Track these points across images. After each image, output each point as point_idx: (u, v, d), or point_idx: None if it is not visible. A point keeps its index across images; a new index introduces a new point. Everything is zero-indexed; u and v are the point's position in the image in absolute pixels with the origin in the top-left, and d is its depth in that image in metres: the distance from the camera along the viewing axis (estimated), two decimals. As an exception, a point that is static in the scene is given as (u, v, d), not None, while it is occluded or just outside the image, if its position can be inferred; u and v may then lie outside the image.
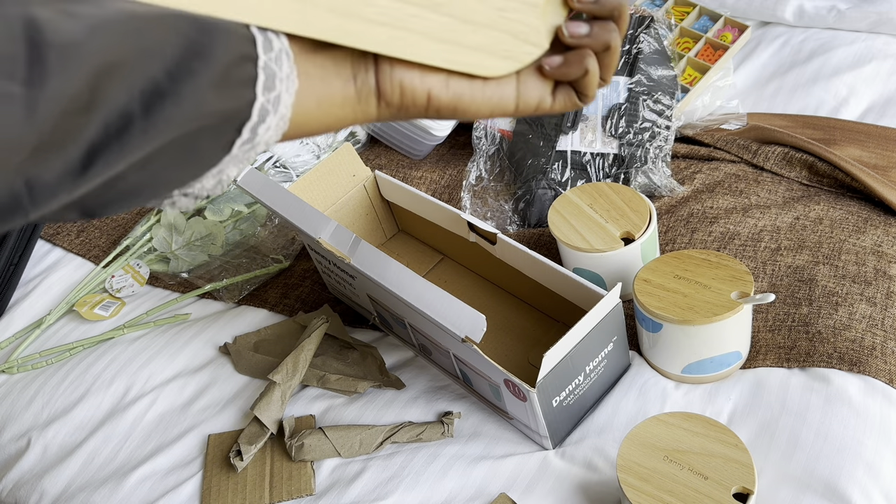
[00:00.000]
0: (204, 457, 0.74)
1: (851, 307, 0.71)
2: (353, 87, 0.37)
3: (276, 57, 0.34)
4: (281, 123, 0.35)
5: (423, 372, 0.77)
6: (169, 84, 0.31)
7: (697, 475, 0.56)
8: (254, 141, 0.35)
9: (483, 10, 0.36)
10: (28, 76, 0.28)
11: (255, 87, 0.33)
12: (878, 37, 1.01)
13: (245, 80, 0.33)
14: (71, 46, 0.29)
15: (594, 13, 0.40)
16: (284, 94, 0.34)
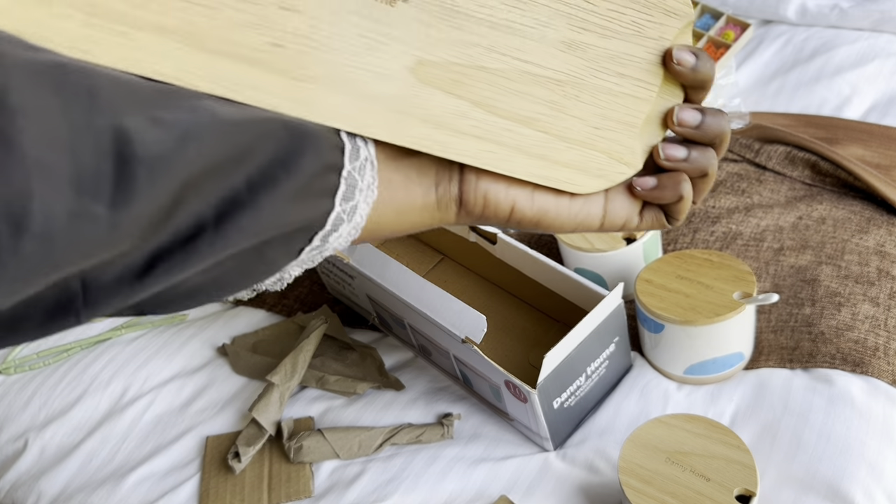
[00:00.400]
0: (202, 458, 0.73)
1: (854, 308, 0.71)
2: (435, 195, 0.37)
3: (361, 166, 0.33)
4: (353, 232, 0.34)
5: (423, 373, 0.77)
6: (248, 194, 0.29)
7: (699, 477, 0.56)
8: (323, 248, 0.34)
9: (579, 127, 0.36)
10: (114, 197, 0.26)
11: (334, 197, 0.32)
12: (880, 35, 1.01)
13: (326, 190, 0.32)
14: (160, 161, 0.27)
15: (695, 139, 0.38)
16: (362, 203, 0.33)
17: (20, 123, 0.24)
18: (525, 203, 0.37)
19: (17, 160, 0.24)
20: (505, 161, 0.35)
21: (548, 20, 0.33)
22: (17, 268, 0.24)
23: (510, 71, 0.34)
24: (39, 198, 0.24)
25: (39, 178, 0.24)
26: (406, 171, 0.36)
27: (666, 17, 0.36)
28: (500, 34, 0.33)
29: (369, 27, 0.31)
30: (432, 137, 0.33)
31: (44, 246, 0.25)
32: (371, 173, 0.33)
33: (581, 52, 0.35)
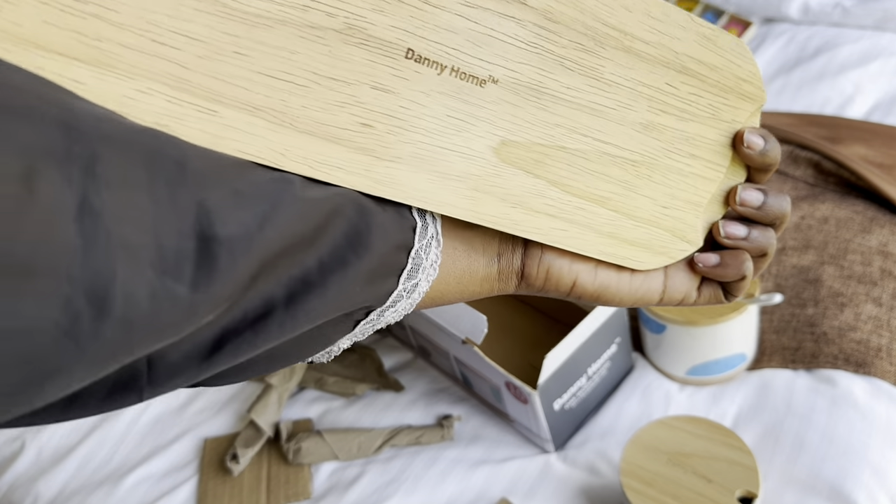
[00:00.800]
0: (200, 460, 0.73)
1: (857, 308, 0.70)
2: (497, 266, 0.37)
3: (427, 244, 0.33)
4: (409, 306, 0.34)
5: (423, 374, 0.76)
6: (318, 275, 0.29)
7: (701, 479, 0.56)
8: (377, 322, 0.34)
9: (648, 206, 0.36)
10: (195, 278, 0.25)
11: (399, 276, 0.32)
12: (883, 34, 1.01)
13: (392, 270, 0.32)
14: (241, 241, 0.27)
15: (757, 219, 0.38)
16: (423, 282, 0.33)
17: (105, 197, 0.24)
18: (587, 278, 0.37)
19: (101, 239, 0.23)
20: (575, 239, 0.35)
21: (630, 102, 0.34)
22: (96, 352, 0.24)
23: (589, 151, 0.34)
24: (122, 280, 0.24)
25: (123, 258, 0.24)
26: (471, 242, 0.36)
27: (741, 101, 0.36)
28: (583, 115, 0.33)
29: (458, 107, 0.31)
30: (508, 216, 0.34)
31: (124, 330, 0.24)
32: (436, 251, 0.33)
33: (658, 134, 0.35)
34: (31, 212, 0.22)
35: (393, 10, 0.28)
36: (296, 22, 0.27)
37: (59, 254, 0.23)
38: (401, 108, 0.30)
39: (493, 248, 0.37)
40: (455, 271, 0.35)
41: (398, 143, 0.30)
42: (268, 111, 0.28)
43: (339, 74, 0.28)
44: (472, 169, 0.32)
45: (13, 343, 0.22)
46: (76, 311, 0.23)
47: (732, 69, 0.36)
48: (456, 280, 0.36)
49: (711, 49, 0.35)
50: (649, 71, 0.34)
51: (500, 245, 0.37)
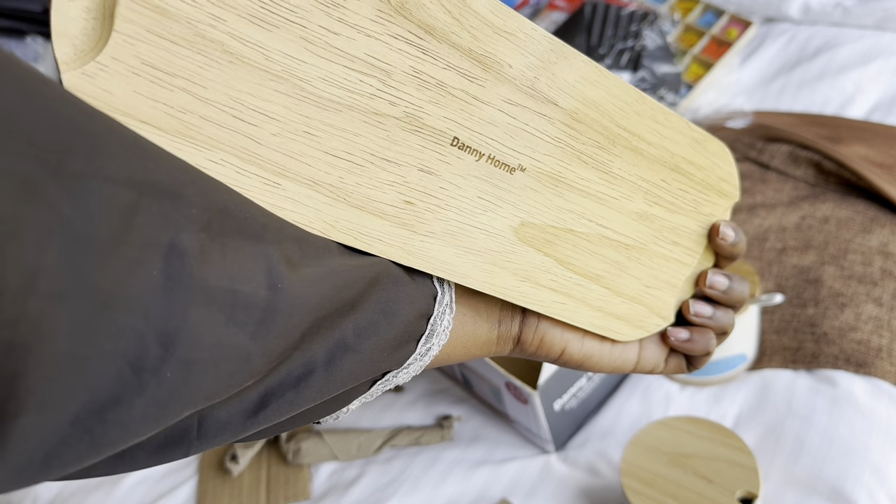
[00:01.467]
0: (199, 461, 0.73)
1: (858, 308, 0.70)
2: (497, 332, 0.39)
3: (442, 311, 0.35)
4: (419, 369, 0.36)
5: (422, 374, 0.76)
6: (355, 340, 0.30)
7: (702, 479, 0.55)
8: (390, 383, 0.35)
9: (635, 285, 0.41)
10: (257, 328, 0.26)
11: (418, 342, 0.34)
12: (884, 33, 1.00)
13: (414, 336, 0.34)
14: (298, 299, 0.28)
15: (721, 301, 0.43)
16: (435, 346, 0.35)
17: (194, 239, 0.25)
18: (575, 346, 0.41)
19: (184, 280, 0.24)
20: (571, 311, 0.39)
21: (630, 193, 0.39)
22: (156, 390, 0.24)
23: (592, 235, 0.39)
24: (194, 323, 0.24)
25: (199, 301, 0.24)
26: (476, 308, 0.38)
27: (719, 198, 0.42)
28: (591, 203, 0.38)
29: (489, 190, 0.35)
30: (518, 289, 0.37)
31: (183, 370, 0.24)
32: (449, 317, 0.35)
33: (649, 223, 0.40)
34: (123, 246, 0.23)
35: (446, 104, 0.32)
36: (362, 108, 0.30)
37: (143, 291, 0.23)
38: (440, 188, 0.33)
39: (495, 314, 0.39)
40: (462, 335, 0.38)
41: (434, 220, 0.34)
42: (326, 186, 0.31)
43: (392, 157, 0.32)
44: (492, 245, 0.36)
45: (79, 368, 0.22)
46: (145, 346, 0.23)
47: (715, 170, 0.41)
48: (462, 343, 0.38)
49: (701, 152, 0.40)
50: (649, 168, 0.39)
51: (501, 312, 0.39)
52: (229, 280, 0.25)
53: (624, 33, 0.94)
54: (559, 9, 1.05)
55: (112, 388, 0.23)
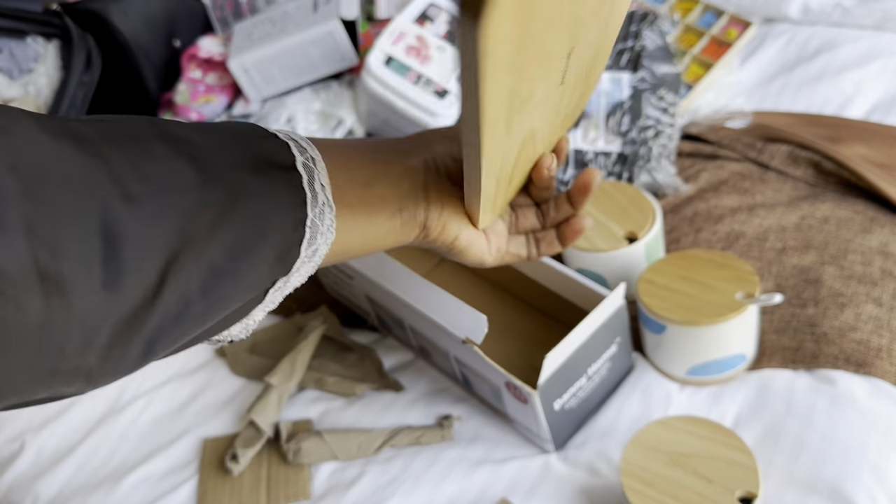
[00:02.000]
0: (200, 460, 0.73)
1: (858, 308, 0.70)
2: (399, 220, 0.42)
3: (320, 211, 0.36)
4: (312, 269, 0.37)
5: (423, 374, 0.76)
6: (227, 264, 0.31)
7: (702, 479, 0.55)
8: (284, 288, 0.36)
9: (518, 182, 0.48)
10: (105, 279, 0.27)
11: (300, 247, 0.35)
12: (883, 34, 1.00)
13: (294, 243, 0.35)
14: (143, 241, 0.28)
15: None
16: (322, 246, 0.37)
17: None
18: (464, 235, 0.45)
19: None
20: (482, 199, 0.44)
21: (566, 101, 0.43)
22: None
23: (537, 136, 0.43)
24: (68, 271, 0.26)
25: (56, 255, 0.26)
26: (368, 201, 0.41)
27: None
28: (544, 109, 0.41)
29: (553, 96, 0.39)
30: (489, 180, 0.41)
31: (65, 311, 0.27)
32: (330, 216, 0.37)
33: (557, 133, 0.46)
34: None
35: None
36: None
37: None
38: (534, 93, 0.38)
39: (393, 204, 0.42)
40: (356, 229, 0.40)
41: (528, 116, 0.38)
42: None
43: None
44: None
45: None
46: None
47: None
48: (359, 236, 0.40)
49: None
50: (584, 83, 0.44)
51: (402, 201, 0.42)
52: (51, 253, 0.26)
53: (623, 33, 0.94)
54: (559, 9, 1.05)
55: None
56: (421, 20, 0.93)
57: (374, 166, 0.42)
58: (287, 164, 0.36)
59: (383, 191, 0.41)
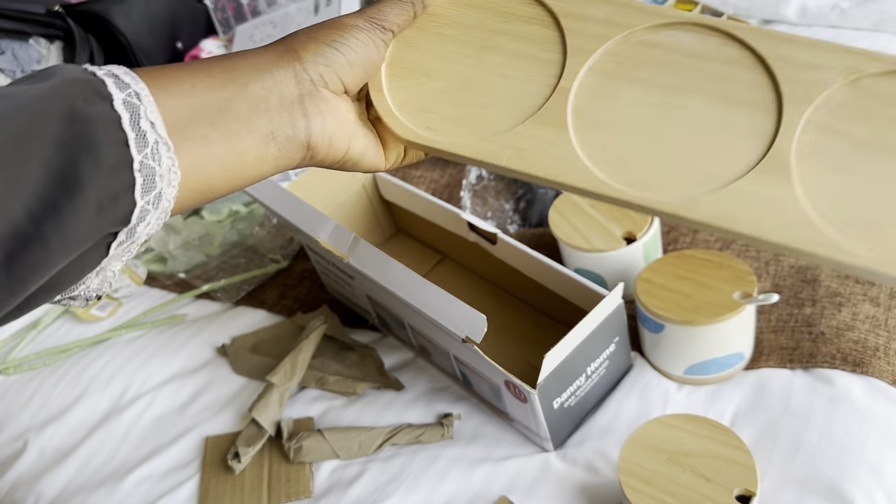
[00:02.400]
0: (202, 459, 0.73)
1: (855, 308, 0.71)
2: (275, 145, 0.38)
3: (153, 151, 0.32)
4: (162, 216, 0.34)
5: (423, 373, 0.76)
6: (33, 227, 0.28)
7: (700, 477, 0.56)
8: (132, 239, 0.33)
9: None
10: None
11: (133, 194, 0.31)
12: (880, 35, 1.01)
13: (121, 191, 0.31)
14: None
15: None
16: (166, 188, 0.33)
17: None
18: (355, 146, 0.42)
19: None
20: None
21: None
22: None
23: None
24: None
25: None
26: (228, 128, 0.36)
27: None
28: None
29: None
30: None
31: None
32: (168, 154, 0.33)
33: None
34: None
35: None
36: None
37: None
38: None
39: (262, 127, 0.37)
40: (215, 160, 0.35)
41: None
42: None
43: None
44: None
45: None
46: None
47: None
48: (223, 168, 0.36)
49: None
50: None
51: (273, 123, 0.37)
52: None
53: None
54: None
55: None
56: (421, 22, 0.93)
57: (226, 88, 0.36)
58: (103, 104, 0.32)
59: (243, 114, 0.36)
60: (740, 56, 0.42)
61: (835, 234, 0.37)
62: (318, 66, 0.40)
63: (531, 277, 0.71)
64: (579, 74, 0.43)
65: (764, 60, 0.41)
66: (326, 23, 0.41)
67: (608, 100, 0.43)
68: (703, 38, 0.43)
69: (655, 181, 0.40)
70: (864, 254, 0.36)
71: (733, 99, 0.41)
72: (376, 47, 0.43)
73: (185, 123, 0.34)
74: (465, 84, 0.45)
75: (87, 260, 0.32)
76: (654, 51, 0.43)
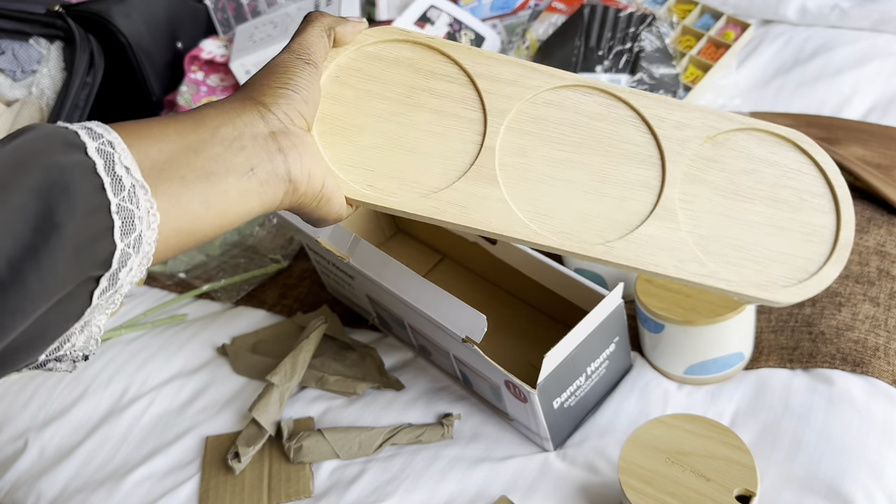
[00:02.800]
0: (202, 459, 0.73)
1: (855, 307, 0.71)
2: (256, 179, 0.38)
3: (130, 195, 0.32)
4: (144, 261, 0.34)
5: (423, 373, 0.77)
6: (11, 273, 0.28)
7: (700, 477, 0.56)
8: (115, 287, 0.33)
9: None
10: None
11: (112, 237, 0.32)
12: (880, 35, 1.01)
13: (101, 234, 0.31)
14: None
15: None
16: (146, 231, 0.33)
17: None
18: (329, 182, 0.44)
19: None
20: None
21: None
22: None
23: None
24: None
25: None
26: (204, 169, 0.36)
27: None
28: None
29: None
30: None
31: None
32: (146, 197, 0.33)
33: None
34: None
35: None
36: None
37: None
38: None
39: (240, 164, 0.38)
40: (195, 199, 0.36)
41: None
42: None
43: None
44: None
45: None
46: None
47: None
48: (205, 207, 0.36)
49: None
50: None
51: (250, 160, 0.38)
52: None
53: (622, 35, 0.94)
54: (558, 11, 1.06)
55: None
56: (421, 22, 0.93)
57: (198, 132, 0.37)
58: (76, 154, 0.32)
59: (219, 153, 0.37)
60: (627, 116, 0.49)
61: (714, 268, 0.45)
62: (280, 107, 0.41)
63: (531, 277, 0.71)
64: (500, 133, 0.48)
65: (647, 122, 0.49)
66: (269, 67, 0.43)
67: (527, 157, 0.48)
68: (598, 99, 0.49)
69: (579, 231, 0.46)
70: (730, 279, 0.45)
71: (626, 155, 0.48)
72: (315, 83, 0.44)
73: (161, 167, 0.35)
74: (396, 141, 0.48)
75: (70, 308, 0.32)
76: (557, 111, 0.49)
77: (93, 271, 0.32)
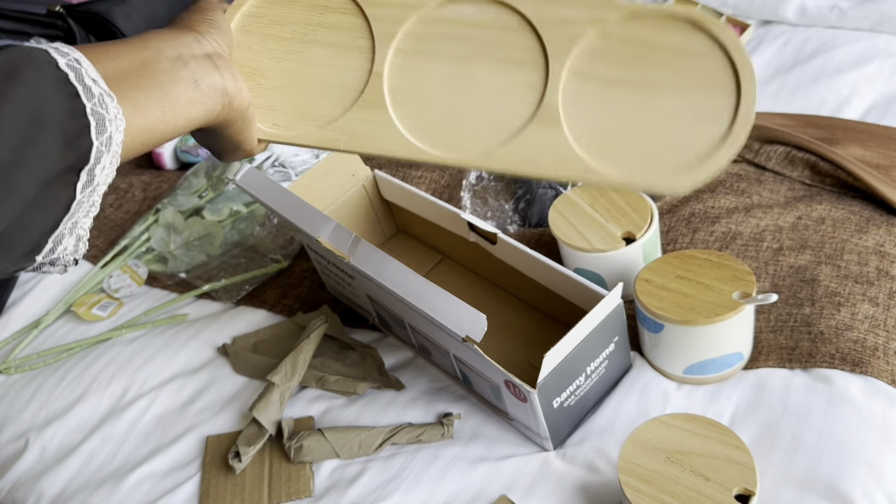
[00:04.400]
0: (202, 458, 0.73)
1: (854, 307, 0.71)
2: (199, 89, 0.44)
3: (100, 101, 0.38)
4: (114, 160, 0.40)
5: (423, 373, 0.77)
6: (13, 156, 0.34)
7: (699, 476, 0.56)
8: (92, 185, 0.39)
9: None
10: None
11: (89, 135, 0.37)
12: (879, 35, 1.01)
13: (80, 131, 0.37)
14: None
15: None
16: (115, 132, 0.39)
17: None
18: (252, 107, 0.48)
19: None
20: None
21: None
22: None
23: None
24: None
25: None
26: (155, 77, 0.42)
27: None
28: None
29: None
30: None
31: None
32: (113, 104, 0.39)
33: None
34: None
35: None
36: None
37: None
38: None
39: (186, 76, 0.43)
40: (152, 105, 0.42)
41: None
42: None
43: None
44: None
45: None
46: None
47: None
48: (161, 112, 0.42)
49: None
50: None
51: (193, 73, 0.44)
52: None
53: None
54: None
55: None
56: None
57: (145, 52, 0.43)
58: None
59: (166, 67, 0.43)
60: (513, 21, 0.49)
61: (595, 163, 0.45)
62: (212, 34, 0.47)
63: (531, 277, 0.71)
64: (387, 58, 0.50)
65: (531, 23, 0.48)
66: (195, 7, 0.49)
67: (414, 76, 0.49)
68: (483, 8, 0.49)
69: (460, 142, 0.47)
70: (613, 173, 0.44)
71: (512, 61, 0.48)
72: (229, 25, 0.50)
73: (120, 78, 0.41)
74: (296, 79, 0.51)
75: (61, 196, 0.38)
76: (444, 26, 0.50)
77: (76, 163, 0.37)
